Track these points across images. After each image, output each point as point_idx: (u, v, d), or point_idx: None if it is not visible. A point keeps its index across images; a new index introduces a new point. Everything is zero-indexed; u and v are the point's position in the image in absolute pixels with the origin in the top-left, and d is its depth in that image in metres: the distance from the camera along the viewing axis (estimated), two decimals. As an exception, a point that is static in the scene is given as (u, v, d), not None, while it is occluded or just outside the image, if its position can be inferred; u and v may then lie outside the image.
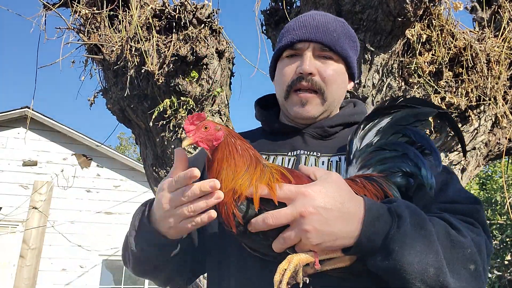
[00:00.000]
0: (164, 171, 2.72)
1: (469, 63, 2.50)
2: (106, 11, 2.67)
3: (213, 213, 0.83)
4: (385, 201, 0.88)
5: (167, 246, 0.95)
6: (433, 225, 0.85)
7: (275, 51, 1.24)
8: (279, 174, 0.85)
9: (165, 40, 2.53)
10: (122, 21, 2.63)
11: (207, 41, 2.56)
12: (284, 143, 1.17)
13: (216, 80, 2.64)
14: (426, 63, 2.46)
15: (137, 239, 0.97)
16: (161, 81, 2.47)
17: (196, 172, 0.81)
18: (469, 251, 0.85)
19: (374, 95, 2.47)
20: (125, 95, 2.55)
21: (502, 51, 2.60)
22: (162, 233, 0.92)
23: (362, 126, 1.02)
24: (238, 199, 0.81)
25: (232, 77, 2.88)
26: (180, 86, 2.52)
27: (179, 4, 2.52)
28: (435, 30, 2.48)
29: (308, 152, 1.12)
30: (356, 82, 2.43)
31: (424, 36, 2.42)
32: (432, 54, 2.48)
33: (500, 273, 9.28)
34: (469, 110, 2.55)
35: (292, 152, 1.14)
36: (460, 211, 0.94)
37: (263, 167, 0.85)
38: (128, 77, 2.52)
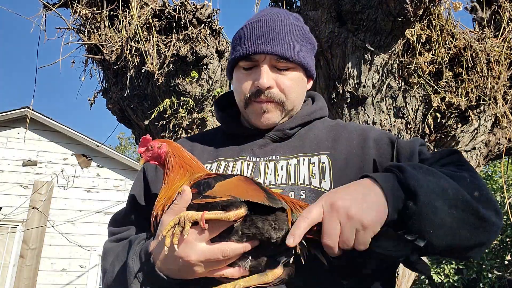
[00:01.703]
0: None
1: (469, 63, 2.50)
2: (106, 11, 2.67)
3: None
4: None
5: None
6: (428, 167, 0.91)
7: (230, 58, 1.21)
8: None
9: (165, 40, 2.53)
10: (122, 21, 2.63)
11: (207, 41, 2.55)
12: (244, 147, 1.17)
13: (216, 80, 2.64)
14: (426, 63, 2.46)
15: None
16: (161, 81, 2.47)
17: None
18: (469, 181, 0.89)
19: (374, 95, 2.47)
20: (125, 95, 2.55)
21: (502, 51, 2.60)
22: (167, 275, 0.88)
23: None
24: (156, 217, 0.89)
25: (232, 77, 2.88)
26: (180, 86, 2.52)
27: (179, 4, 2.52)
28: (435, 30, 2.48)
29: (268, 157, 1.12)
30: (356, 82, 2.43)
31: (424, 36, 2.42)
32: (432, 54, 2.48)
33: (500, 273, 9.28)
34: (469, 110, 2.55)
35: (252, 158, 1.13)
36: (445, 164, 0.99)
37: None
38: (128, 77, 2.52)
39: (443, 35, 2.51)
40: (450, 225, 0.83)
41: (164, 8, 2.55)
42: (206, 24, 2.58)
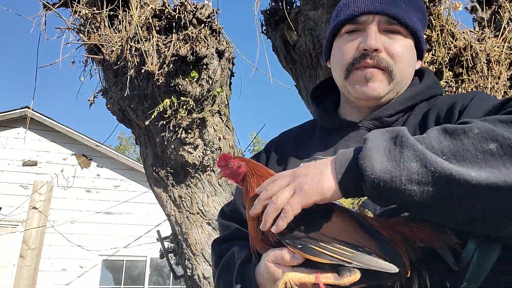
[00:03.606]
0: (164, 171, 2.72)
1: (469, 63, 2.50)
2: (106, 11, 2.67)
3: None
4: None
5: None
6: (419, 136, 0.74)
7: (332, 27, 1.09)
8: None
9: (165, 40, 2.53)
10: (122, 21, 2.63)
11: (207, 41, 2.56)
12: (340, 143, 1.07)
13: (216, 80, 2.64)
14: (426, 63, 2.46)
15: None
16: (161, 81, 2.46)
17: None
18: (477, 132, 0.68)
19: (374, 95, 2.47)
20: (125, 95, 2.54)
21: (502, 51, 2.60)
22: None
23: None
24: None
25: (232, 77, 2.88)
26: (180, 86, 2.52)
27: (179, 4, 2.52)
28: (435, 30, 2.48)
29: None
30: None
31: (424, 36, 2.43)
32: (432, 54, 2.48)
33: (500, 273, 9.29)
34: (469, 110, 2.55)
35: None
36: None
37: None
38: (128, 77, 2.52)
39: (443, 35, 2.51)
40: (436, 204, 0.69)
41: (164, 8, 2.55)
42: (206, 24, 2.58)
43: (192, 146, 2.64)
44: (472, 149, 0.67)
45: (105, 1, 2.68)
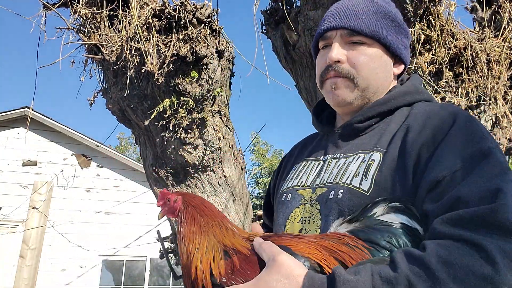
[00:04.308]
0: (164, 171, 2.72)
1: (469, 63, 2.50)
2: (106, 11, 2.67)
3: None
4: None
5: None
6: None
7: (312, 45, 1.22)
8: (219, 254, 0.86)
9: (165, 40, 2.53)
10: (122, 21, 2.63)
11: (207, 41, 2.55)
12: (322, 147, 1.18)
13: (216, 80, 2.64)
14: (426, 63, 2.46)
15: None
16: (161, 81, 2.46)
17: None
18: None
19: (374, 95, 2.47)
20: (125, 95, 2.54)
21: (502, 51, 2.60)
22: None
23: (399, 206, 0.86)
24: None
25: (232, 77, 2.88)
26: (180, 86, 2.52)
27: (179, 4, 2.52)
28: (435, 30, 2.48)
29: (334, 155, 1.09)
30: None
31: (424, 36, 2.42)
32: (432, 54, 2.48)
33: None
34: (469, 110, 2.55)
35: (324, 157, 1.13)
36: (462, 223, 0.75)
37: (208, 242, 0.87)
38: (128, 77, 2.52)
39: (443, 35, 2.51)
40: None
41: (164, 8, 2.55)
42: (206, 24, 2.58)
43: (192, 146, 2.64)
44: None
45: (105, 1, 2.68)
